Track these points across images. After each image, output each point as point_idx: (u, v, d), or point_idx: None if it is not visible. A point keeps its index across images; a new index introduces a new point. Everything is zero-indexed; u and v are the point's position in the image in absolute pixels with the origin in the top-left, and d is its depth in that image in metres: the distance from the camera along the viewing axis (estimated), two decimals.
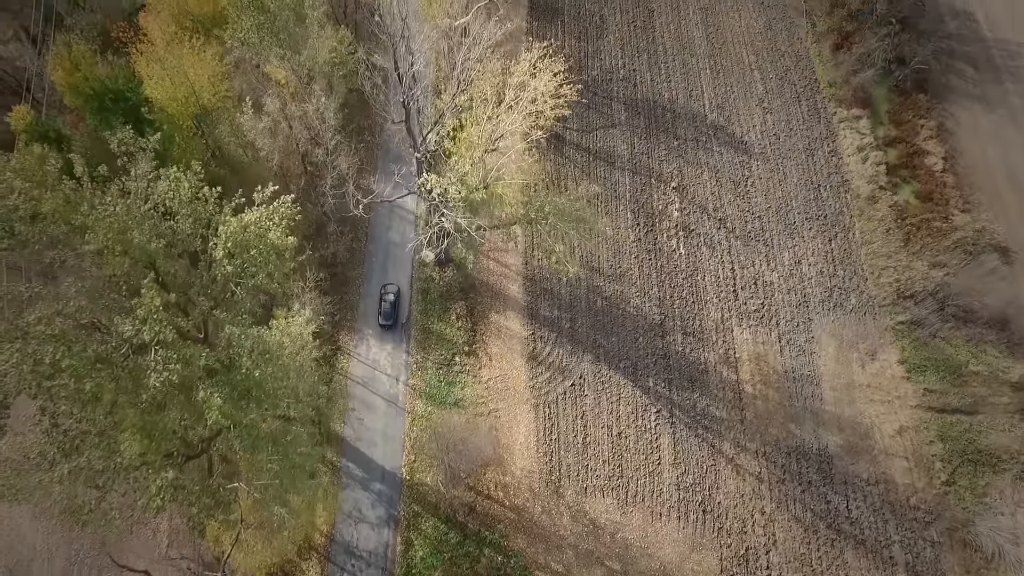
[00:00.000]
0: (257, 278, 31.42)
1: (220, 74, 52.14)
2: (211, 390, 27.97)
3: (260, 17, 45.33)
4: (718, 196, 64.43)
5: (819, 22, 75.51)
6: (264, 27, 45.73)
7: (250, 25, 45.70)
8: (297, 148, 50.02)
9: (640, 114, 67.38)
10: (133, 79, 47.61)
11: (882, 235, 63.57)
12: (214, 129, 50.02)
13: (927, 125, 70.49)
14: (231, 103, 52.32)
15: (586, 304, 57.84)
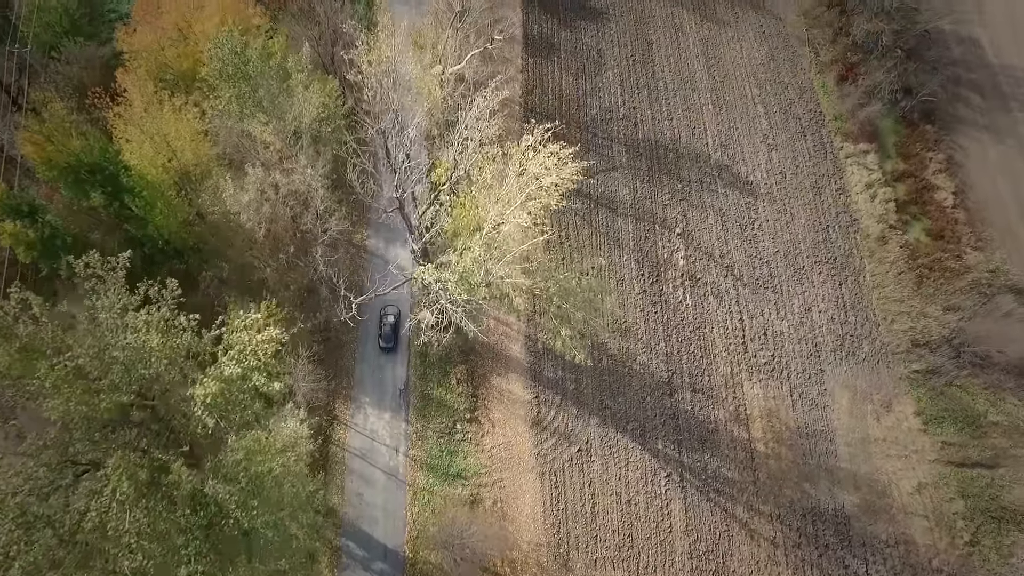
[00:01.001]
0: (242, 416, 29.04)
1: (201, 134, 49.56)
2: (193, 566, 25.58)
3: (241, 86, 42.75)
4: (724, 241, 62.27)
5: (822, 51, 73.33)
6: (245, 97, 43.15)
7: (230, 96, 43.14)
8: (286, 212, 47.52)
9: (642, 155, 65.07)
10: (110, 148, 44.98)
11: (893, 278, 61.60)
12: (197, 196, 47.46)
13: (935, 158, 68.51)
14: (214, 164, 49.76)
15: (591, 363, 55.64)
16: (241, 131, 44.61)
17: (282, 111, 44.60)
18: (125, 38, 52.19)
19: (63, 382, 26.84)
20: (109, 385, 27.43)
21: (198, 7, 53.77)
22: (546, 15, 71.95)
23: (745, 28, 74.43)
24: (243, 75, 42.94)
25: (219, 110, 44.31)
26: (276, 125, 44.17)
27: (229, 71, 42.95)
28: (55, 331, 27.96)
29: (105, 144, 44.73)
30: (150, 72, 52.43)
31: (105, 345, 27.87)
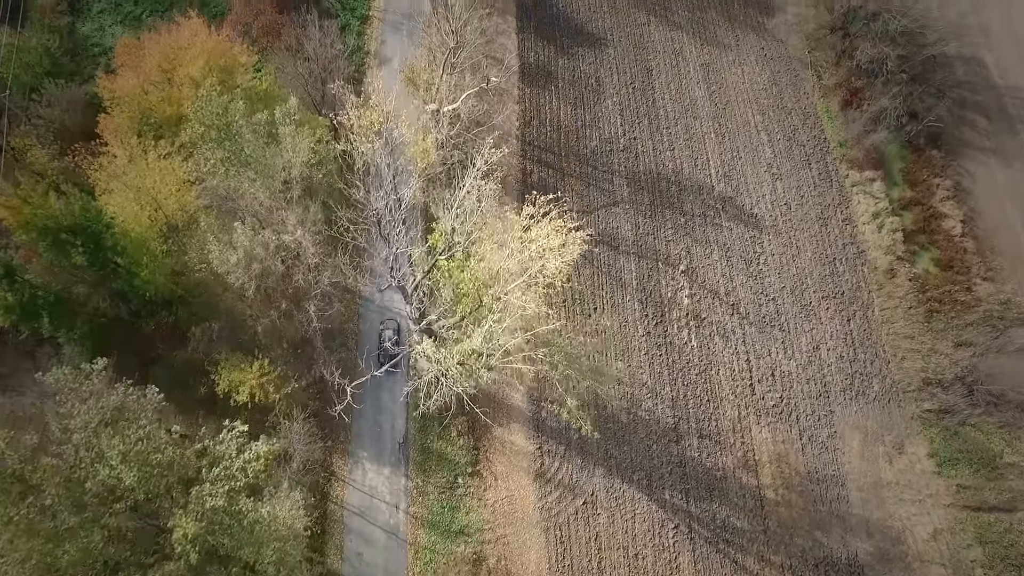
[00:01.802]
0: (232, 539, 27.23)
1: (187, 183, 47.66)
2: None
3: (227, 145, 40.81)
4: (729, 278, 60.61)
5: (825, 75, 71.60)
6: (231, 158, 41.23)
7: (216, 160, 41.23)
8: (278, 267, 45.66)
9: (643, 189, 63.31)
10: (91, 206, 43.06)
11: (903, 314, 60.08)
12: (182, 255, 45.59)
13: (943, 184, 66.99)
14: (202, 213, 47.84)
15: (595, 411, 53.93)
16: (228, 187, 42.70)
17: (271, 169, 42.70)
18: (106, 84, 50.16)
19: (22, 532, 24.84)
20: (78, 524, 25.54)
21: (182, 49, 51.86)
22: (542, 42, 70.05)
23: (746, 51, 72.67)
24: (227, 135, 40.99)
25: (203, 172, 42.40)
26: (265, 182, 42.26)
27: (212, 135, 40.98)
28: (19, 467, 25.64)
29: (86, 203, 42.79)
30: (133, 118, 50.52)
31: (78, 478, 25.82)
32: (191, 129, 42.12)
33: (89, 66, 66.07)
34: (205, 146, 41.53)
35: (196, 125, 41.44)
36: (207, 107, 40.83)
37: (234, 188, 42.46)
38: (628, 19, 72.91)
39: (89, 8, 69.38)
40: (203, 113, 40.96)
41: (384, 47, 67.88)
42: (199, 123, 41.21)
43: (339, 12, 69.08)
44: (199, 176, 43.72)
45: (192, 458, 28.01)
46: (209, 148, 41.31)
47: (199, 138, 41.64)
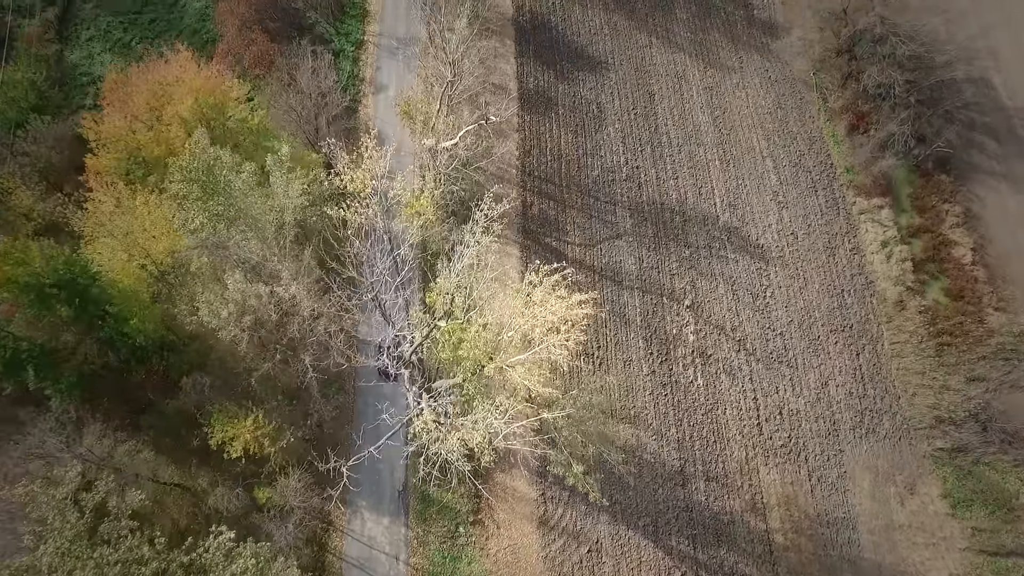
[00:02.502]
0: None
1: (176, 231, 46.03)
2: None
3: (214, 202, 39.21)
4: (736, 312, 59.15)
5: (831, 97, 70.03)
6: (220, 215, 39.68)
7: (204, 219, 39.66)
8: (272, 317, 44.12)
9: (647, 220, 61.78)
10: (76, 260, 41.50)
11: (913, 348, 58.63)
12: (172, 306, 44.05)
13: (952, 211, 65.46)
14: (192, 259, 46.24)
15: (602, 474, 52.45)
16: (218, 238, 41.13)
17: (262, 221, 41.13)
18: (92, 125, 48.56)
19: None
20: None
21: (170, 85, 50.25)
22: (542, 67, 68.43)
23: (750, 74, 71.09)
24: (215, 191, 39.39)
25: (190, 230, 40.83)
26: (256, 233, 40.71)
27: (198, 191, 39.38)
28: None
29: (70, 257, 41.21)
30: (120, 159, 48.98)
31: None
32: (177, 186, 40.48)
33: (78, 96, 64.55)
34: (192, 204, 39.91)
35: (182, 182, 39.79)
36: (193, 164, 39.21)
37: (225, 238, 40.84)
38: (629, 41, 71.31)
39: (78, 36, 67.74)
40: (189, 170, 39.35)
41: (379, 73, 66.29)
42: (185, 180, 39.57)
43: (333, 37, 67.45)
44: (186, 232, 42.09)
45: (178, 572, 26.42)
46: (196, 206, 39.70)
47: (185, 196, 39.97)
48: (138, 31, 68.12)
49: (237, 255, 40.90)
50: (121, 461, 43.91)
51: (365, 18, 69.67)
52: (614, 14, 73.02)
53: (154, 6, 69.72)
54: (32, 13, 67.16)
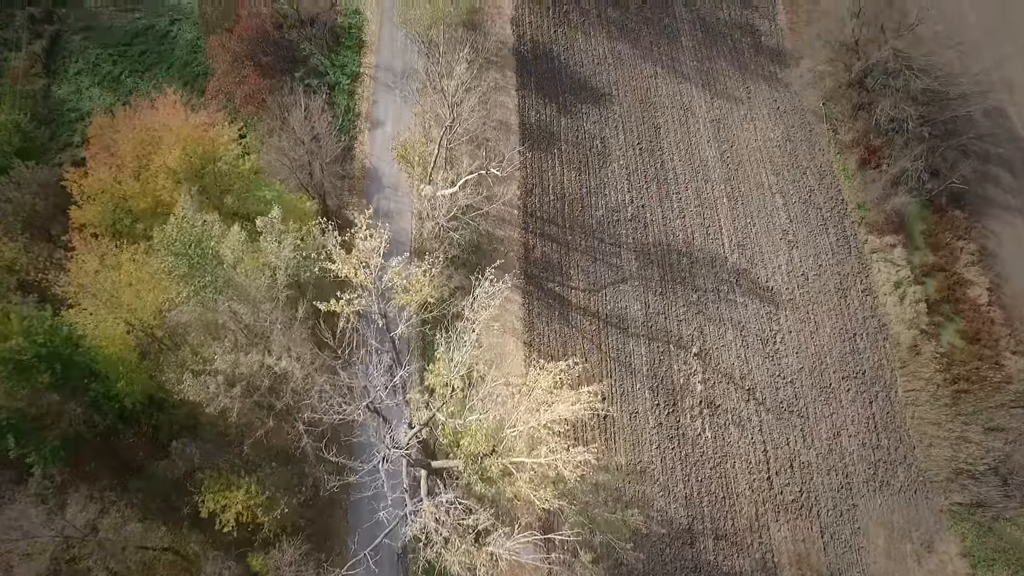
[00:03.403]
0: None
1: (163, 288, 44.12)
2: None
3: (203, 275, 37.31)
4: (745, 360, 57.22)
5: (841, 129, 67.98)
6: (207, 286, 37.79)
7: (190, 291, 37.77)
8: (264, 382, 42.26)
9: (653, 263, 59.79)
10: (59, 328, 39.61)
11: (928, 396, 56.69)
12: (161, 372, 42.19)
13: (967, 248, 63.48)
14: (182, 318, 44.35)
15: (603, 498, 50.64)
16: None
17: (252, 292, 39.21)
18: (76, 179, 46.63)
19: None
20: None
21: (158, 133, 48.25)
22: (544, 99, 66.35)
23: (758, 105, 69.03)
24: (202, 263, 37.47)
25: (178, 303, 38.94)
26: (246, 304, 38.83)
27: (184, 265, 37.45)
28: None
29: (52, 325, 39.30)
30: (105, 212, 47.08)
31: None
32: (162, 260, 38.53)
33: (65, 133, 62.61)
34: (178, 278, 37.99)
35: (168, 256, 37.85)
36: (180, 237, 37.27)
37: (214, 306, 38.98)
38: (634, 72, 69.23)
39: (66, 69, 65.72)
40: (175, 244, 37.41)
41: (376, 108, 64.22)
42: (170, 254, 37.65)
43: (328, 70, 65.38)
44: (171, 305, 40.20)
45: None
46: (182, 280, 37.80)
47: (169, 269, 38.05)
48: (128, 64, 66.09)
49: (225, 324, 38.99)
50: (106, 535, 42.04)
51: (361, 49, 67.58)
52: (618, 42, 70.94)
53: (144, 38, 67.69)
54: (18, 46, 65.20)
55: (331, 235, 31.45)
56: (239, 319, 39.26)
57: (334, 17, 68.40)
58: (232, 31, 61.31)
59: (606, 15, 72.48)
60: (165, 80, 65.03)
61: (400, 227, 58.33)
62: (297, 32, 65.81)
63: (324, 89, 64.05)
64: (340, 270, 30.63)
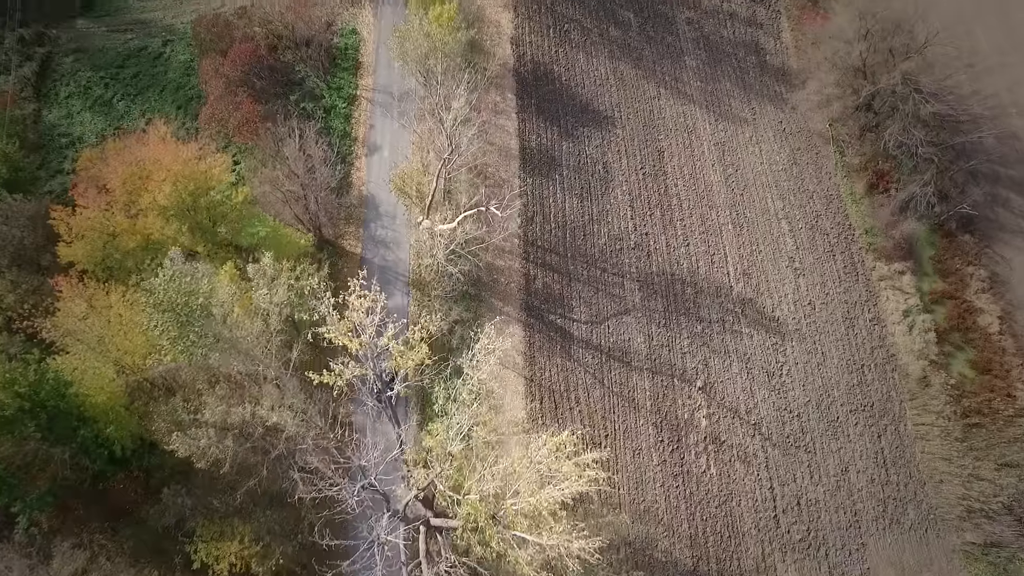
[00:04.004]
0: None
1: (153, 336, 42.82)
2: None
3: (190, 331, 35.97)
4: (750, 393, 55.92)
5: (848, 151, 66.55)
6: (198, 342, 36.48)
7: (177, 351, 36.46)
8: (258, 429, 41.01)
9: (656, 293, 58.44)
10: (46, 381, 38.37)
11: (939, 431, 55.38)
12: (152, 422, 40.95)
13: (977, 274, 62.13)
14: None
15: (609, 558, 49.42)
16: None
17: (244, 344, 37.92)
18: (63, 218, 45.34)
19: None
20: None
21: (148, 168, 46.93)
22: (545, 123, 64.93)
23: (763, 126, 67.60)
24: (191, 319, 36.17)
25: (168, 360, 37.67)
26: (238, 355, 37.55)
27: (171, 328, 36.10)
28: None
29: (38, 376, 38.04)
30: (94, 251, 45.81)
31: None
32: (147, 317, 37.18)
33: (56, 159, 61.31)
34: (166, 335, 36.65)
35: (154, 315, 36.48)
36: (166, 295, 35.86)
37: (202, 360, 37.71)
38: (637, 93, 67.79)
39: (56, 93, 64.37)
40: (161, 303, 36.03)
41: (373, 132, 62.83)
42: (157, 311, 36.27)
43: (324, 93, 63.98)
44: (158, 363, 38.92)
45: None
46: (170, 338, 36.47)
47: (156, 326, 36.71)
48: (120, 87, 64.71)
49: (216, 371, 37.75)
50: None
51: (358, 70, 66.19)
52: (620, 62, 69.48)
53: (137, 59, 66.28)
54: (7, 69, 63.84)
55: (326, 298, 30.08)
56: (230, 369, 37.94)
57: (330, 37, 67.02)
58: (225, 55, 59.92)
59: (608, 34, 71.07)
60: (158, 104, 63.81)
61: (398, 257, 57.10)
62: (292, 54, 64.34)
63: (320, 113, 62.81)
64: (334, 337, 29.28)
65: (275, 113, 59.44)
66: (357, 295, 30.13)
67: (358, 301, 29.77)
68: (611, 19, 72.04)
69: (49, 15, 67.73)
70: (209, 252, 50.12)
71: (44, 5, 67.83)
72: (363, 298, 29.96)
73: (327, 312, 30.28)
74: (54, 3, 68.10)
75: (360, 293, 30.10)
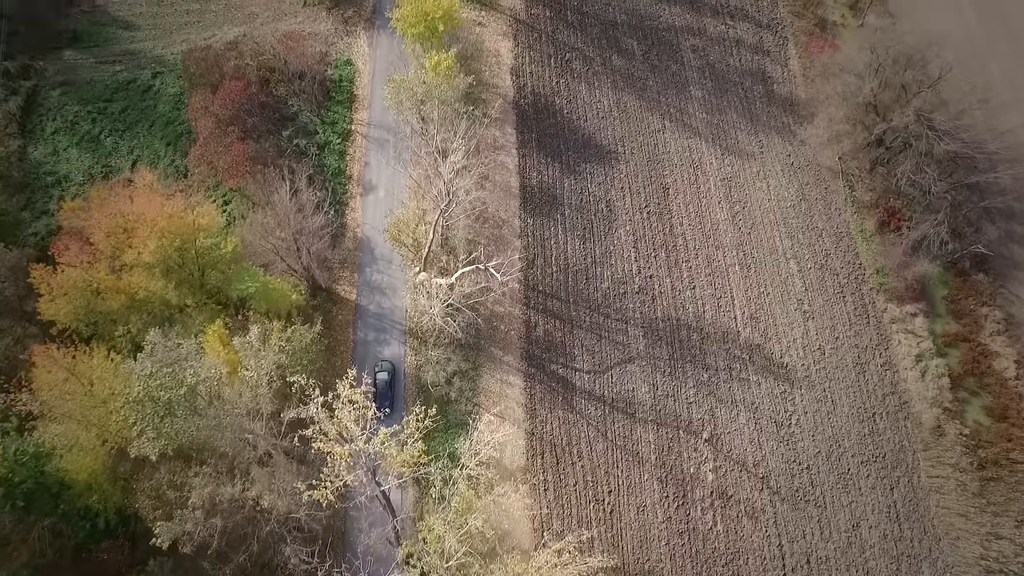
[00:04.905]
0: None
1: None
2: None
3: (171, 422, 34.05)
4: (758, 444, 54.10)
5: (858, 186, 64.58)
6: (181, 431, 34.55)
7: (160, 444, 34.57)
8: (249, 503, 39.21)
9: (661, 340, 56.57)
10: (26, 459, 36.62)
11: (955, 485, 53.50)
12: (136, 499, 39.17)
13: (992, 316, 60.24)
14: None
15: None
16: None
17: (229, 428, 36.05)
18: (43, 276, 43.53)
19: None
20: None
21: (134, 223, 45.08)
22: (546, 159, 63.01)
23: (771, 160, 65.62)
24: (172, 411, 34.24)
25: (152, 454, 35.74)
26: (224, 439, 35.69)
27: (149, 420, 34.21)
28: None
29: (15, 453, 36.27)
30: (77, 311, 44.00)
31: None
32: (123, 412, 35.21)
33: (41, 199, 59.41)
34: (148, 431, 34.70)
35: (132, 411, 34.52)
36: (148, 389, 33.92)
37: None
38: (641, 126, 65.82)
39: (42, 129, 62.46)
40: (141, 398, 34.08)
41: (368, 171, 60.91)
42: (135, 408, 34.28)
43: (318, 128, 62.06)
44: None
45: None
46: (152, 432, 34.54)
47: (135, 424, 34.75)
48: (108, 122, 62.77)
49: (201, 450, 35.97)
50: None
51: (353, 103, 64.22)
52: (623, 93, 67.52)
53: (126, 92, 64.33)
54: None
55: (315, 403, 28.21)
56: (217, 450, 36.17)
57: (324, 69, 65.10)
58: (215, 91, 57.98)
59: (611, 63, 69.09)
60: (147, 140, 61.90)
61: (394, 304, 55.19)
62: (285, 87, 62.46)
63: (313, 150, 60.87)
64: (323, 446, 27.46)
65: (267, 153, 57.59)
66: (347, 397, 28.22)
67: (345, 411, 27.82)
68: (614, 47, 70.07)
69: (36, 47, 65.78)
70: (198, 303, 48.40)
71: (31, 36, 65.81)
72: (353, 403, 27.99)
73: (315, 414, 28.34)
74: (41, 34, 66.12)
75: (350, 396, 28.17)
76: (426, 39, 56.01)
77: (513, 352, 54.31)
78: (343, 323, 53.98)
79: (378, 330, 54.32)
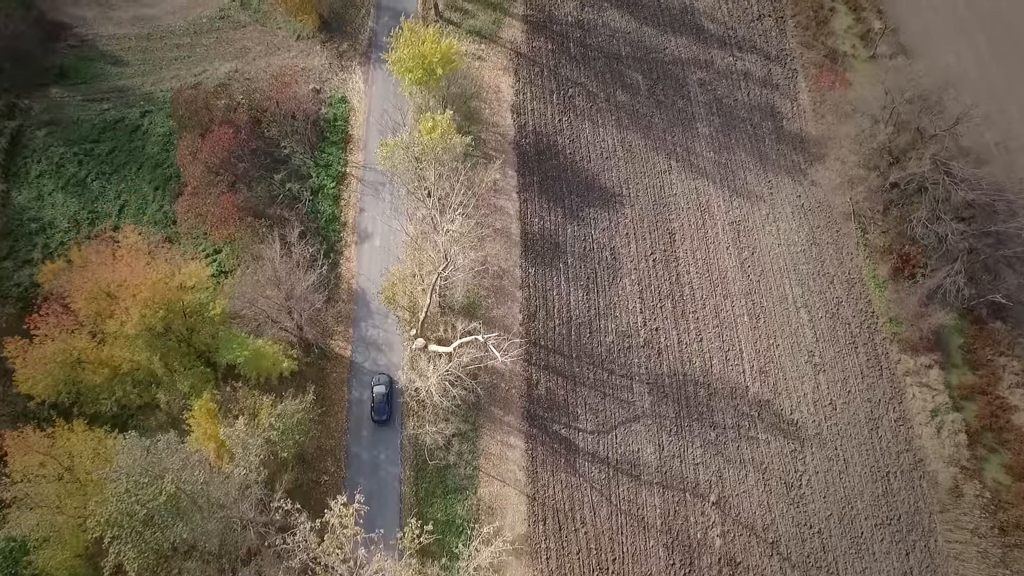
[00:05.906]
0: None
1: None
2: None
3: (150, 533, 32.04)
4: (768, 507, 52.12)
5: (871, 228, 62.36)
6: (163, 538, 32.58)
7: (141, 561, 32.61)
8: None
9: (667, 397, 54.56)
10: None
11: (976, 552, 51.48)
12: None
13: (1010, 366, 58.19)
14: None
15: None
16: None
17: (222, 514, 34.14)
18: (18, 351, 41.58)
19: None
20: None
21: (117, 290, 43.05)
22: (548, 203, 60.89)
23: (781, 202, 63.47)
24: (150, 524, 32.30)
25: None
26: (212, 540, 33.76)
27: (128, 534, 32.24)
28: None
29: None
30: (56, 383, 42.05)
31: None
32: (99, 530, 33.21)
33: (25, 247, 57.38)
34: (128, 551, 32.69)
35: (107, 529, 32.52)
36: (123, 504, 31.89)
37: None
38: (646, 167, 63.67)
39: (27, 172, 60.41)
40: (116, 516, 32.08)
41: (363, 217, 58.78)
42: (109, 527, 32.30)
43: (311, 171, 59.97)
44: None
45: None
46: (133, 552, 32.57)
47: (111, 542, 32.74)
48: (95, 164, 60.71)
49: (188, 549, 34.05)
50: None
51: (347, 144, 62.11)
52: (628, 131, 65.34)
53: (113, 132, 62.25)
54: None
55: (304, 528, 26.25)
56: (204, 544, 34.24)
57: (318, 107, 62.95)
58: (204, 136, 55.81)
59: (615, 98, 66.90)
60: (135, 183, 59.88)
61: (391, 361, 53.12)
62: (278, 128, 60.35)
63: (306, 195, 58.84)
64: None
65: (258, 200, 55.60)
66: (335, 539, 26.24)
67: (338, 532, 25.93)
68: (618, 82, 67.85)
69: (21, 84, 63.65)
70: (185, 365, 46.46)
71: (16, 73, 63.63)
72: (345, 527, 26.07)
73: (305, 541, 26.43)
74: (26, 71, 63.93)
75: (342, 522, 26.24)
76: (424, 83, 53.87)
77: (514, 411, 52.35)
78: (337, 381, 51.98)
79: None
